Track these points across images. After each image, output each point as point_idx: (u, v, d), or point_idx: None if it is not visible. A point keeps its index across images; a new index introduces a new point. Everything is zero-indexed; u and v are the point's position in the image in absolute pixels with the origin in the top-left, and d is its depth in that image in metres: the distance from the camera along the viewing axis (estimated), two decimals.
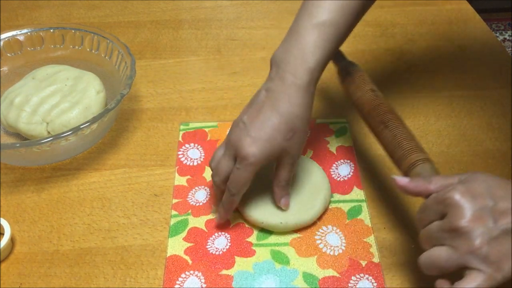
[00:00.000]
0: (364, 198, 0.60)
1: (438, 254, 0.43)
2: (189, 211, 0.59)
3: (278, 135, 0.51)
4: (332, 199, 0.60)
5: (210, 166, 0.56)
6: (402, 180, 0.48)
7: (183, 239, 0.57)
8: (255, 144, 0.51)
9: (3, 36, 0.74)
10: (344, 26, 0.53)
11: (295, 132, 0.52)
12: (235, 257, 0.55)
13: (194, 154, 0.66)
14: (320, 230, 0.57)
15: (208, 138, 0.68)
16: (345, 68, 0.62)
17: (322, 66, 0.53)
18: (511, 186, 0.43)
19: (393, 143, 0.52)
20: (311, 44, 0.52)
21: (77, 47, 0.76)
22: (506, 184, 0.43)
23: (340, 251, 0.55)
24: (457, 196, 0.43)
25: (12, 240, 0.56)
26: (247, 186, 0.53)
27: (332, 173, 0.63)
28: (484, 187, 0.43)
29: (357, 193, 0.61)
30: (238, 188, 0.53)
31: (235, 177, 0.53)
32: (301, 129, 0.53)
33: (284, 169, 0.54)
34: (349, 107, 0.72)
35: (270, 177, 0.57)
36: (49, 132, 0.65)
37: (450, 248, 0.43)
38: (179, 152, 0.66)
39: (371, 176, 0.63)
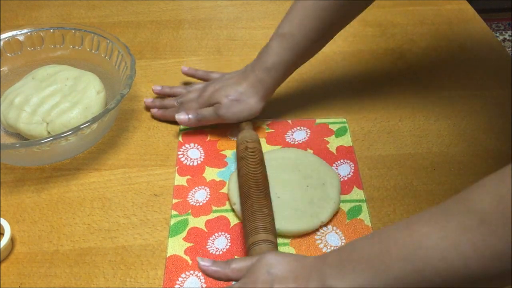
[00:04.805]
0: (364, 198, 0.60)
1: None
2: (189, 211, 0.59)
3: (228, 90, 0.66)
4: None
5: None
6: (203, 262, 0.53)
7: (183, 239, 0.57)
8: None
9: (3, 36, 0.74)
10: (302, 38, 0.63)
11: (237, 100, 0.65)
12: (235, 257, 0.55)
13: (194, 154, 0.66)
14: (320, 230, 0.57)
15: (208, 138, 0.68)
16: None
17: (279, 68, 0.64)
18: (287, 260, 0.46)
19: (248, 218, 0.54)
20: (271, 49, 0.64)
21: (77, 47, 0.76)
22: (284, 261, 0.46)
23: None
24: None
25: (12, 240, 0.56)
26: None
27: None
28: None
29: (357, 193, 0.61)
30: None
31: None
32: (241, 100, 0.65)
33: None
34: (349, 107, 0.73)
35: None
36: (49, 132, 0.65)
37: None
38: (179, 152, 0.66)
39: (371, 176, 0.63)
